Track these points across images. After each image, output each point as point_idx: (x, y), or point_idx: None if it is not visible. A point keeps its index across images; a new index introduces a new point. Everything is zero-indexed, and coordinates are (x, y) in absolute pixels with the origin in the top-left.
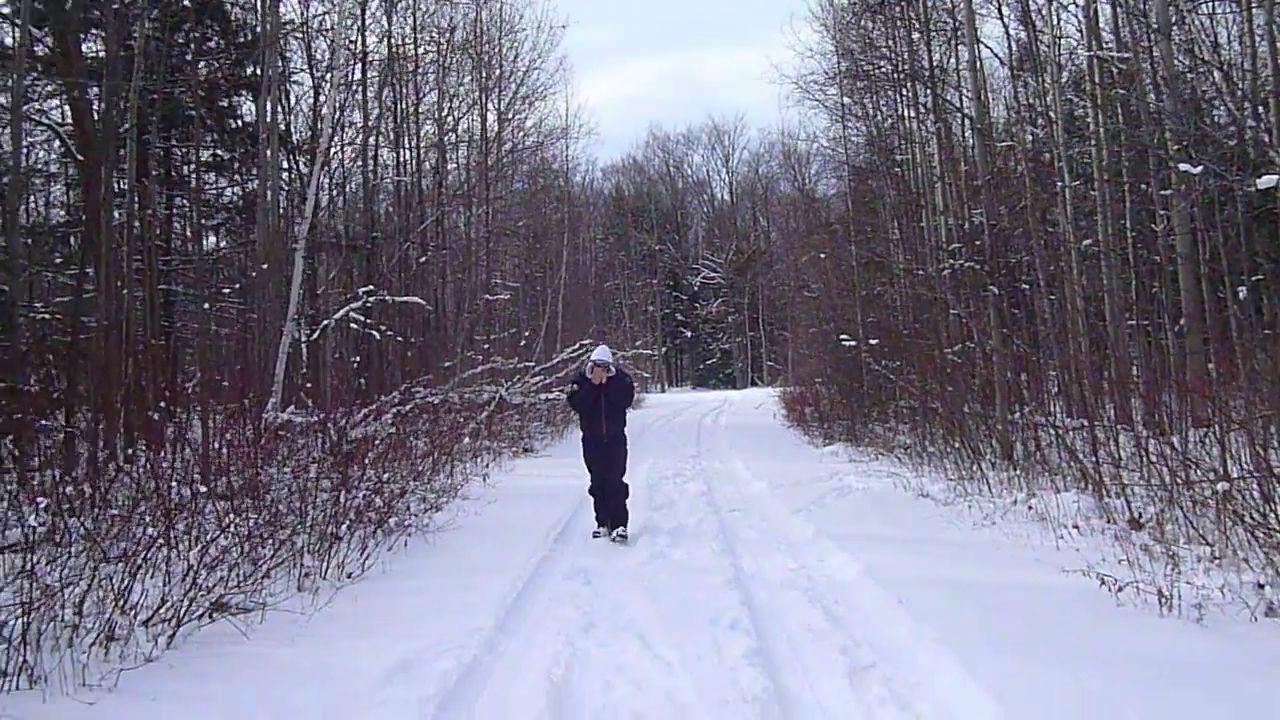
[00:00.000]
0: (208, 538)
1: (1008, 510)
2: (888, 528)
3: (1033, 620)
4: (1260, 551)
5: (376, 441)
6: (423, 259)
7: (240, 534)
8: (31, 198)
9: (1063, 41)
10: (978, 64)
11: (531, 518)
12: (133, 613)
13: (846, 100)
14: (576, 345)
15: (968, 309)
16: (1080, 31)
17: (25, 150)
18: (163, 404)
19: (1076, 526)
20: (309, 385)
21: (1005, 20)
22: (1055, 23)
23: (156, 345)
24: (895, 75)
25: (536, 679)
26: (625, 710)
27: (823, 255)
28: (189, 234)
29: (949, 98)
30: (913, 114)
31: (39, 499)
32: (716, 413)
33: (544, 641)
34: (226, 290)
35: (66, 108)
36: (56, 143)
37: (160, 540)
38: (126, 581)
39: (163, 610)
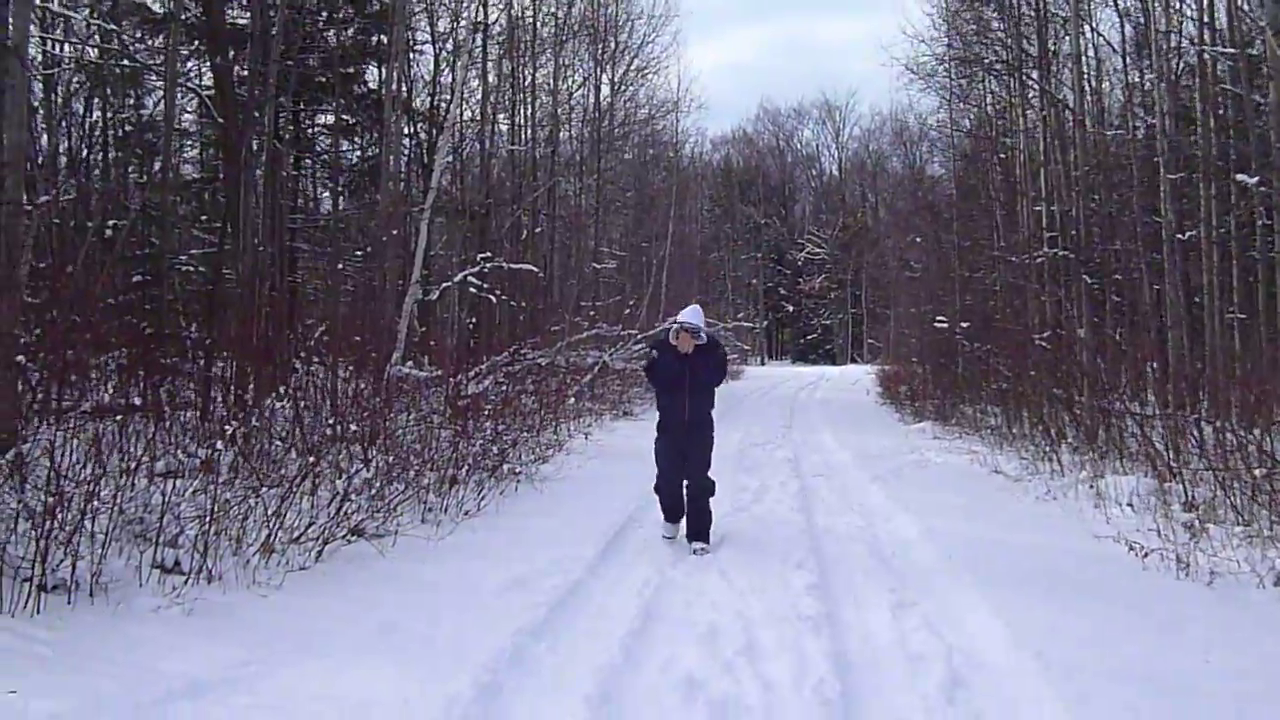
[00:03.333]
0: (352, 470)
1: (1071, 488)
2: (955, 498)
3: (1059, 574)
4: None
5: (491, 397)
6: (538, 230)
7: (379, 469)
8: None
9: (1175, 33)
10: (1082, 56)
11: (629, 473)
12: (285, 532)
13: (954, 84)
14: (669, 322)
15: (1057, 297)
16: (1194, 23)
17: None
18: (302, 354)
19: (1130, 505)
20: (432, 343)
21: (1120, 6)
22: (1169, 12)
23: (281, 299)
24: (1004, 62)
25: (630, 595)
26: (702, 621)
27: (918, 240)
28: (314, 194)
29: (1057, 86)
30: (1020, 100)
31: (201, 434)
32: (812, 387)
33: (637, 570)
34: (359, 252)
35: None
36: (193, 103)
37: (307, 472)
38: (278, 506)
39: (310, 530)
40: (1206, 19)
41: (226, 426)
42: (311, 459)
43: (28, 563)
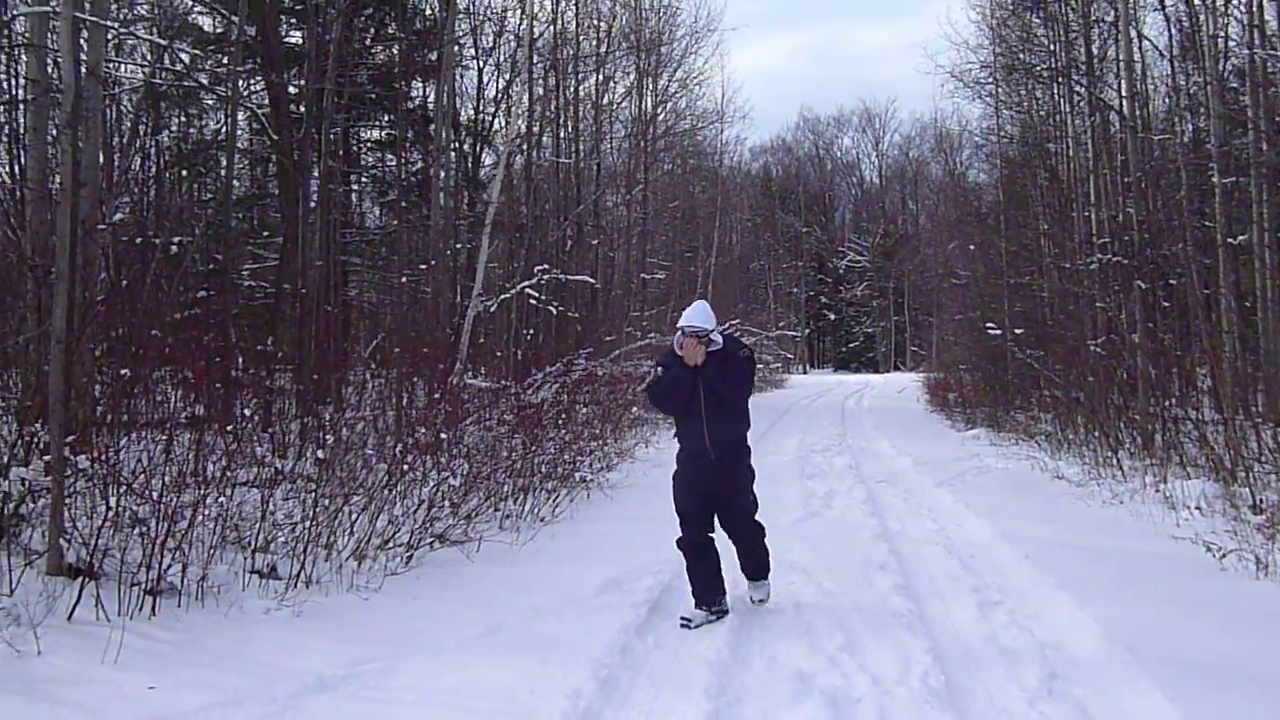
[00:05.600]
0: (437, 479)
1: (1136, 493)
2: (1021, 502)
3: (1139, 575)
4: None
5: (553, 406)
6: (595, 241)
7: (465, 477)
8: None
9: (1224, 34)
10: (1133, 62)
11: None
12: (375, 538)
13: (1001, 91)
14: (725, 325)
15: (1113, 303)
16: (1242, 25)
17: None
18: (372, 366)
19: (1199, 508)
20: (498, 354)
21: (1167, 10)
22: (1217, 14)
23: (337, 314)
24: (1051, 68)
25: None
26: (796, 620)
27: (971, 247)
28: (359, 209)
29: (1105, 91)
30: (1068, 106)
31: (275, 445)
32: (859, 395)
33: (724, 572)
34: (420, 266)
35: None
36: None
37: (397, 481)
38: (370, 513)
39: (397, 536)
40: (1255, 21)
41: (325, 437)
42: (403, 468)
43: (139, 569)
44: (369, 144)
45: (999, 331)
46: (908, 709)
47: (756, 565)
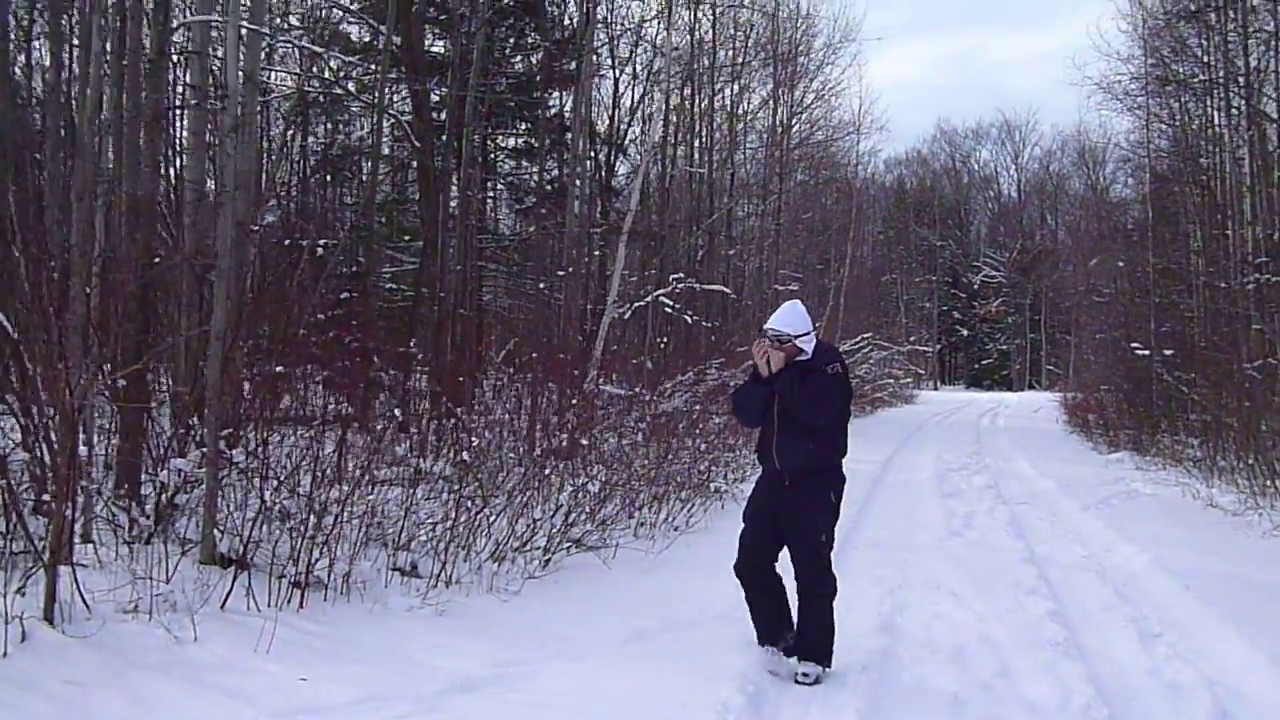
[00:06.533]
0: (575, 484)
1: None
2: (1174, 530)
3: None
4: None
5: (685, 415)
6: (730, 251)
7: (604, 483)
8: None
9: None
10: None
11: None
12: (514, 540)
13: (1152, 104)
14: (859, 338)
15: (1270, 325)
16: None
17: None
18: (511, 370)
19: None
20: (634, 361)
21: None
22: None
23: (474, 318)
24: (1207, 79)
25: (863, 614)
26: (946, 643)
27: (1120, 263)
28: (495, 215)
29: (1265, 104)
30: (1224, 120)
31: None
32: (993, 414)
33: (866, 590)
34: (558, 273)
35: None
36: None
37: (540, 484)
38: (508, 515)
39: (534, 540)
40: None
41: (470, 439)
42: (544, 471)
43: (288, 562)
44: (506, 151)
45: (1146, 352)
46: None
47: (811, 646)
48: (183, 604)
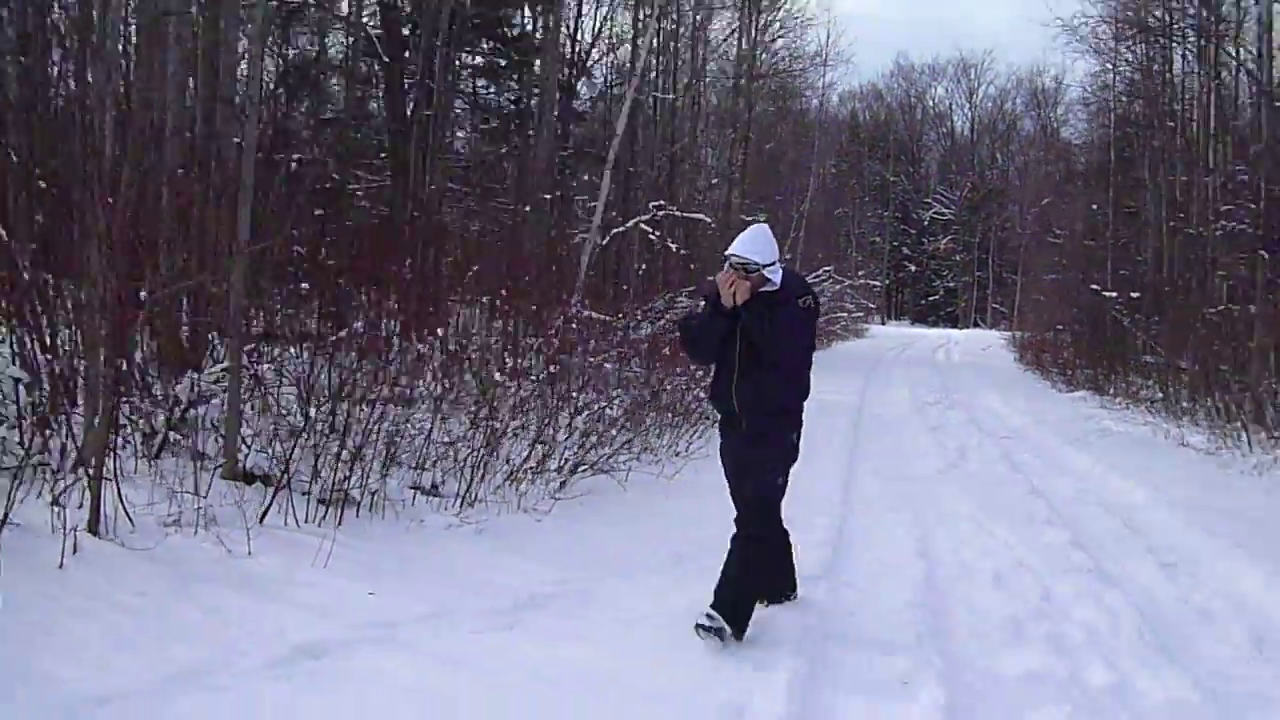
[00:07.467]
0: (595, 408)
1: (1275, 465)
2: (1157, 464)
3: None
4: None
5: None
6: (699, 182)
7: (623, 407)
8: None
9: None
10: (1267, 15)
11: (826, 417)
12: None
13: (1123, 47)
14: (819, 271)
15: (1236, 271)
16: None
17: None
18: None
19: None
20: (622, 286)
21: None
22: None
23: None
24: (1176, 24)
25: (896, 539)
26: (984, 567)
27: (1075, 205)
28: (453, 135)
29: (1231, 51)
30: (1193, 66)
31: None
32: (945, 350)
33: (890, 514)
34: (547, 196)
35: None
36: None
37: (556, 411)
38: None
39: (547, 462)
40: None
41: (468, 357)
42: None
43: (311, 479)
44: (469, 70)
45: (1114, 294)
46: (1132, 660)
47: (721, 599)
48: (223, 518)
